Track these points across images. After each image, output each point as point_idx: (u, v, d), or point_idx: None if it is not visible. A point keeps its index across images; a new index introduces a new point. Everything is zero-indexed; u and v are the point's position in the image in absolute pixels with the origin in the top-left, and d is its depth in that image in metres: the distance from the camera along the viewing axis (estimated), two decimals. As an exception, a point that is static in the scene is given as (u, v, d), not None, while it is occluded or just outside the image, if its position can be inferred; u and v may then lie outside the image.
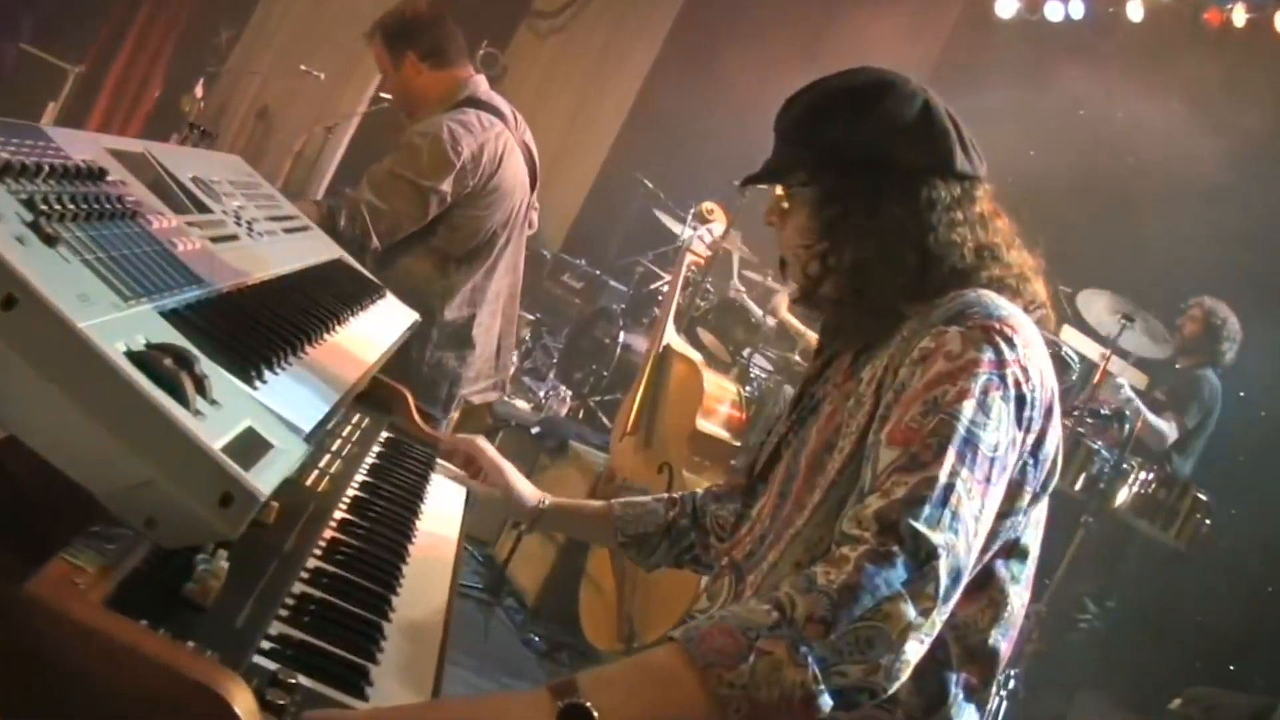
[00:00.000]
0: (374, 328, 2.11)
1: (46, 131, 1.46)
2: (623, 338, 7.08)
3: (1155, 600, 5.94)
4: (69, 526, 1.12)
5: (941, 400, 1.43)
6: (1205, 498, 5.25)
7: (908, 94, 1.64)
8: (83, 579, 1.07)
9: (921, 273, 1.59)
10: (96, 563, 1.10)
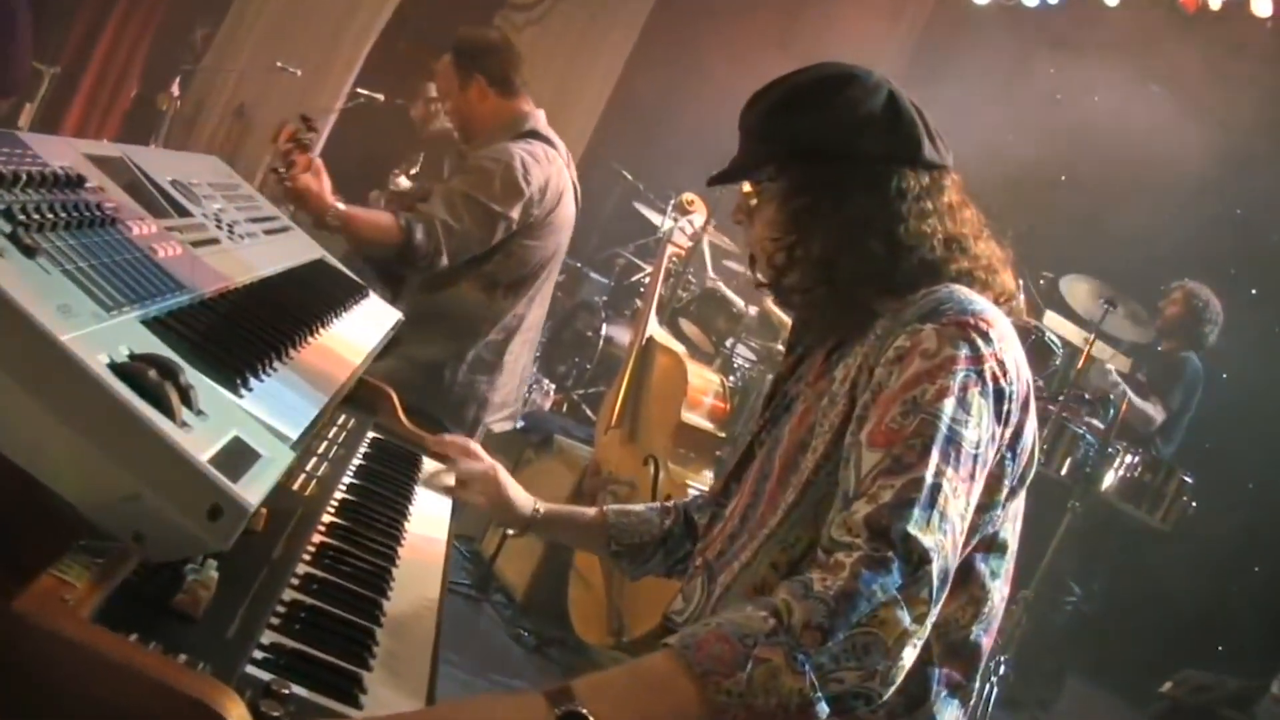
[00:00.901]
0: (358, 329, 2.09)
1: (23, 138, 1.43)
2: (605, 330, 7.07)
3: (1142, 583, 5.99)
4: (56, 541, 1.10)
5: (921, 400, 1.43)
6: (1190, 480, 5.29)
7: (872, 85, 1.64)
8: (71, 594, 1.05)
9: (890, 264, 1.59)
10: (85, 577, 1.08)
